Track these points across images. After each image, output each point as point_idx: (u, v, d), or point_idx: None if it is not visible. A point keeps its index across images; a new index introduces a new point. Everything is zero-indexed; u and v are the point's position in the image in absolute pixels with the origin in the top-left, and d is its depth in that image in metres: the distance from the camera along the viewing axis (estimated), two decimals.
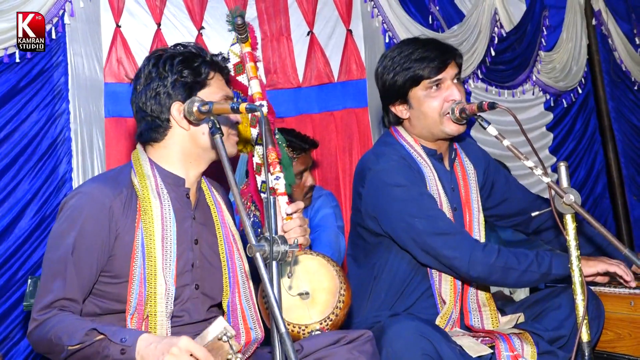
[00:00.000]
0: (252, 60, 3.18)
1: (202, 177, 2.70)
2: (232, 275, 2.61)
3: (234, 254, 2.64)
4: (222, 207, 2.70)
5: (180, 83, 2.50)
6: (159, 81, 2.52)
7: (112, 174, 2.63)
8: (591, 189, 6.08)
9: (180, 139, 2.55)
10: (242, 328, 2.58)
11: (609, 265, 3.05)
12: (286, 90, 4.84)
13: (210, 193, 2.70)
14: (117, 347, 2.19)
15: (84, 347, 2.21)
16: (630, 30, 6.31)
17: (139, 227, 2.44)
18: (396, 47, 3.20)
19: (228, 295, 2.59)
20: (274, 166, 3.02)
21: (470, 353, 2.84)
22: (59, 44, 4.21)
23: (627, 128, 6.25)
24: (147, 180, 2.50)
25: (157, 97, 2.52)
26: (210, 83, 2.55)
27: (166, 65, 2.53)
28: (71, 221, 2.40)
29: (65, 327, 2.25)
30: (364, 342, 2.49)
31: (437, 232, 2.95)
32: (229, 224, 2.69)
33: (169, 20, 4.54)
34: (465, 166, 3.26)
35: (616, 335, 3.12)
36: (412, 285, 3.11)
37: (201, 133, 2.53)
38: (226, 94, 2.57)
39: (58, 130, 4.20)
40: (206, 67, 2.54)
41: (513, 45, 5.78)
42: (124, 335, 2.20)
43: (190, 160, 2.57)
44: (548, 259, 2.94)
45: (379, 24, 5.20)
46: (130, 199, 2.47)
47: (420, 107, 3.09)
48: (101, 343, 2.21)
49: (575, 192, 2.65)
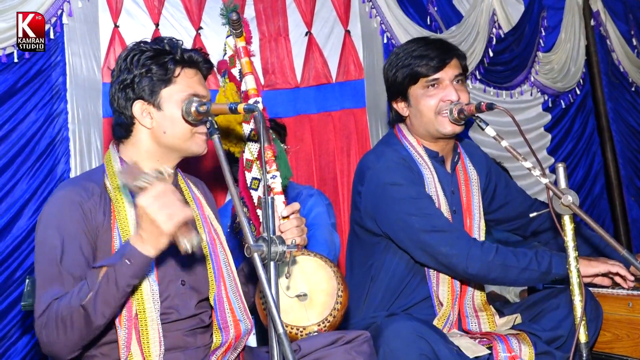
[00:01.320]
0: (246, 55, 3.11)
1: (180, 173, 2.69)
2: (216, 269, 2.60)
3: (217, 248, 2.63)
4: (201, 203, 2.68)
5: (147, 79, 2.49)
6: (126, 74, 2.51)
7: (84, 176, 2.65)
8: (589, 190, 6.08)
9: (145, 136, 2.54)
10: (230, 321, 2.57)
11: (610, 266, 3.06)
12: (284, 90, 4.83)
13: (189, 189, 2.69)
14: (122, 263, 2.19)
15: (96, 291, 2.19)
16: (628, 31, 6.31)
17: (115, 228, 2.43)
18: (404, 44, 3.24)
19: (214, 289, 2.58)
20: (270, 164, 2.98)
21: (467, 354, 2.84)
22: (57, 44, 4.20)
23: (625, 129, 6.25)
24: (119, 181, 2.47)
25: (123, 91, 2.52)
26: (176, 80, 2.51)
27: (134, 59, 2.51)
28: (52, 226, 2.38)
29: (69, 296, 2.23)
30: (362, 342, 2.49)
31: (434, 230, 2.96)
32: (210, 218, 2.68)
33: (167, 20, 4.53)
34: (469, 171, 3.27)
35: (614, 336, 3.12)
36: (409, 286, 3.11)
37: (162, 132, 2.51)
38: (194, 92, 2.51)
39: (56, 130, 4.19)
40: (173, 63, 2.50)
41: (511, 46, 5.78)
42: (119, 254, 2.22)
43: (157, 158, 2.55)
44: (548, 258, 2.94)
45: (377, 24, 5.19)
46: (104, 199, 2.46)
47: (417, 105, 3.11)
48: (108, 276, 2.20)
49: (573, 193, 2.65)
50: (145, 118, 2.51)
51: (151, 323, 2.38)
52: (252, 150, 3.12)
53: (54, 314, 2.24)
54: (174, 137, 2.51)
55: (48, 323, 2.25)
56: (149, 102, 2.50)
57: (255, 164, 3.09)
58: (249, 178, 3.14)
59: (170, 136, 2.51)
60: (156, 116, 2.51)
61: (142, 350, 2.36)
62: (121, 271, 2.19)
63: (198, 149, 2.58)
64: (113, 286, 2.20)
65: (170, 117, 2.49)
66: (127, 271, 2.20)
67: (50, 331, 2.25)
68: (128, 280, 2.21)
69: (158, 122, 2.51)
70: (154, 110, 2.50)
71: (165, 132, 2.51)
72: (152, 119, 2.51)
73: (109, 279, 2.20)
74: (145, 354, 2.36)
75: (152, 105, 2.50)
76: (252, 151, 3.12)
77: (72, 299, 2.22)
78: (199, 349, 2.54)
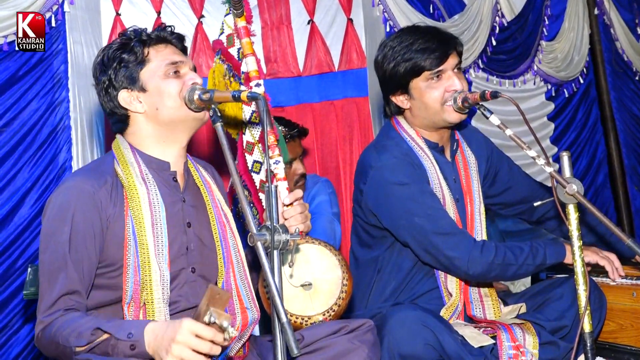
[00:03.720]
0: (247, 35, 3.03)
1: (189, 158, 2.68)
2: (226, 255, 2.59)
3: (227, 233, 2.62)
4: (211, 187, 2.67)
5: (122, 70, 2.50)
6: (103, 76, 2.53)
7: (94, 164, 2.64)
8: (592, 179, 6.07)
9: (142, 122, 2.54)
10: (238, 308, 2.55)
11: (599, 258, 3.07)
12: (286, 79, 4.81)
13: (198, 173, 2.67)
14: (126, 344, 2.15)
15: (92, 347, 2.19)
16: (632, 19, 6.28)
17: (128, 215, 2.41)
18: (396, 35, 3.18)
19: (223, 276, 2.57)
20: (272, 150, 2.93)
21: (472, 343, 2.84)
22: (58, 32, 4.18)
23: (628, 118, 6.23)
24: (130, 167, 2.48)
25: (106, 92, 2.53)
26: (149, 59, 2.52)
27: (105, 59, 2.54)
28: (61, 217, 2.37)
29: (71, 328, 2.22)
30: (365, 331, 2.49)
31: (438, 232, 2.96)
32: (220, 203, 2.67)
33: (169, 8, 4.51)
34: (467, 156, 3.26)
35: (618, 326, 3.12)
36: (416, 278, 3.11)
37: (155, 110, 2.50)
38: (170, 61, 2.51)
39: (58, 119, 4.18)
40: (140, 45, 2.51)
41: (514, 34, 5.75)
42: (129, 330, 2.17)
43: (163, 139, 2.55)
44: (542, 250, 2.97)
45: (379, 12, 5.17)
46: (115, 188, 2.45)
47: (421, 97, 3.08)
48: (109, 342, 2.18)
49: (577, 182, 2.64)
50: (135, 104, 2.51)
51: (158, 312, 2.37)
52: (254, 133, 3.07)
53: (52, 334, 2.25)
54: (169, 109, 2.49)
55: (44, 335, 2.28)
56: (132, 89, 2.51)
57: (257, 147, 3.05)
58: (250, 161, 3.10)
59: (164, 110, 2.50)
60: (144, 98, 2.51)
61: None
62: (122, 347, 2.17)
63: (198, 114, 2.53)
64: (110, 351, 2.19)
65: (157, 92, 2.49)
66: (128, 351, 2.17)
67: (44, 345, 2.30)
68: (125, 357, 2.19)
69: (148, 102, 2.51)
70: (140, 94, 2.51)
71: (158, 109, 2.50)
72: (141, 103, 2.51)
73: (108, 345, 2.18)
74: None
75: (137, 90, 2.51)
76: (254, 134, 3.07)
77: (70, 337, 2.20)
78: None
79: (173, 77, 2.51)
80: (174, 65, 2.52)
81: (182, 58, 2.56)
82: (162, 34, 2.58)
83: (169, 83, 2.50)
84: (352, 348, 2.44)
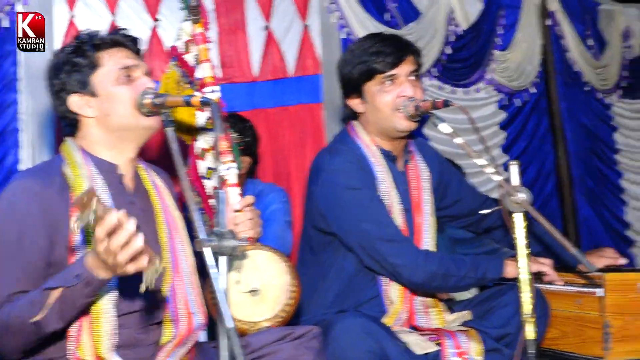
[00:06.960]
0: (204, 41, 3.07)
1: (141, 162, 2.66)
2: (172, 260, 2.57)
3: (175, 238, 2.60)
4: (161, 192, 2.66)
5: (74, 74, 2.48)
6: (55, 80, 2.51)
7: (42, 165, 2.63)
8: (541, 189, 6.12)
9: (93, 127, 2.52)
10: (183, 314, 2.53)
11: (540, 265, 3.09)
12: (242, 84, 4.81)
13: (149, 178, 2.66)
14: (80, 286, 2.13)
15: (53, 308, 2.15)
16: (584, 31, 6.38)
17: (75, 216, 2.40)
18: (359, 40, 3.25)
19: (169, 281, 2.55)
20: (225, 155, 2.92)
21: (415, 350, 2.87)
22: (9, 34, 4.14)
23: (578, 129, 6.32)
24: (78, 169, 2.45)
25: (57, 97, 2.52)
26: (102, 63, 2.49)
27: (58, 60, 2.53)
28: (8, 219, 2.35)
29: (21, 304, 2.19)
30: (311, 338, 2.50)
31: (383, 239, 2.99)
32: (170, 207, 2.66)
33: (124, 11, 4.49)
34: (420, 168, 3.28)
35: (561, 333, 3.17)
36: (360, 285, 3.12)
37: (106, 115, 2.48)
38: (123, 65, 2.49)
39: (6, 121, 4.13)
40: (93, 49, 2.49)
41: (469, 44, 5.81)
42: (75, 273, 2.14)
43: (113, 146, 2.53)
44: (484, 265, 3.02)
45: (336, 19, 5.19)
46: (63, 189, 2.41)
47: (373, 101, 3.10)
48: (65, 297, 2.15)
49: (526, 191, 2.67)
50: (85, 109, 2.49)
51: (105, 315, 2.34)
52: (207, 138, 3.08)
53: (3, 321, 2.21)
54: (120, 117, 2.47)
55: None
56: (83, 93, 2.49)
57: (211, 153, 3.05)
58: (203, 167, 3.11)
59: (115, 117, 2.48)
60: (94, 103, 2.48)
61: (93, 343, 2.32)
62: (78, 291, 2.15)
63: (149, 122, 2.51)
64: (69, 305, 2.16)
65: (108, 98, 2.47)
66: (85, 291, 2.15)
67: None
68: (85, 299, 2.18)
69: (99, 108, 2.49)
70: (90, 99, 2.48)
71: (109, 114, 2.48)
72: (92, 108, 2.49)
73: (65, 299, 2.16)
74: (96, 346, 2.32)
75: (88, 94, 2.48)
76: (208, 140, 3.08)
77: (24, 312, 2.18)
78: (150, 346, 2.51)
79: (125, 83, 2.48)
80: (127, 69, 2.50)
81: (136, 62, 2.54)
82: (116, 37, 2.56)
83: (120, 89, 2.48)
84: (297, 355, 2.44)
